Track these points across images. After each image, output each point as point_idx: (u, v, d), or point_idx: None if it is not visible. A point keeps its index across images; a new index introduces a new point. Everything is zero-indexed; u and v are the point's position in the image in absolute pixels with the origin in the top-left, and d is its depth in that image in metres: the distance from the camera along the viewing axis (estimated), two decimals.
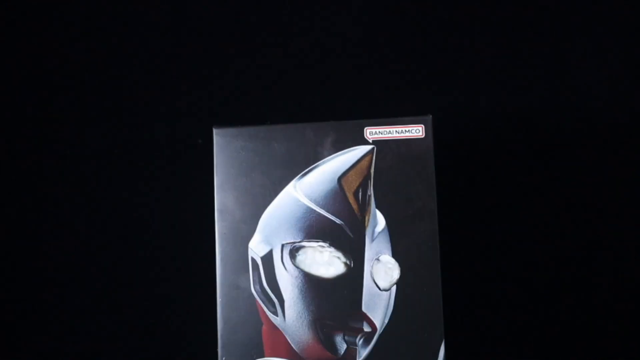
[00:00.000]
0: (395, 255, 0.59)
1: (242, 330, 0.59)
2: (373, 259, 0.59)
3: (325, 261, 0.58)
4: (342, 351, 0.58)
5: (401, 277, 0.58)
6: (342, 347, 0.58)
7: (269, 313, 0.58)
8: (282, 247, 0.59)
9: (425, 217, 0.59)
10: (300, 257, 0.58)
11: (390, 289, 0.58)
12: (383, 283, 0.58)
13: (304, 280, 0.58)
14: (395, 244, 0.59)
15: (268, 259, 0.59)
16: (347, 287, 0.58)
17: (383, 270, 0.58)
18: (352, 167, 0.59)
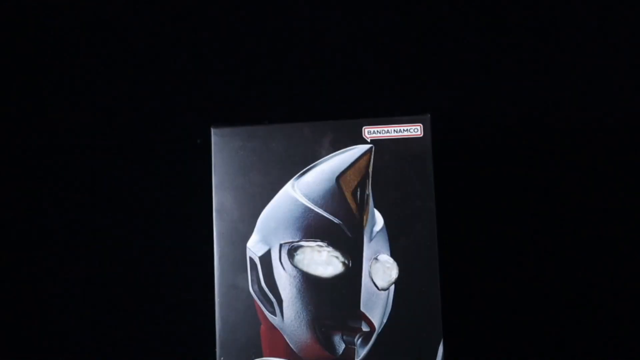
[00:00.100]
0: (393, 254, 0.59)
1: (241, 330, 0.58)
2: (371, 259, 0.58)
3: (323, 261, 0.58)
4: (341, 351, 0.58)
5: (400, 276, 0.58)
6: (341, 346, 0.58)
7: (267, 313, 0.58)
8: (281, 246, 0.59)
9: (424, 217, 0.59)
10: (299, 256, 0.58)
11: (388, 288, 0.58)
12: (381, 282, 0.58)
13: (302, 280, 0.58)
14: (394, 244, 0.59)
15: (266, 259, 0.59)
16: (346, 286, 0.58)
17: (381, 269, 0.58)
18: (351, 167, 0.59)
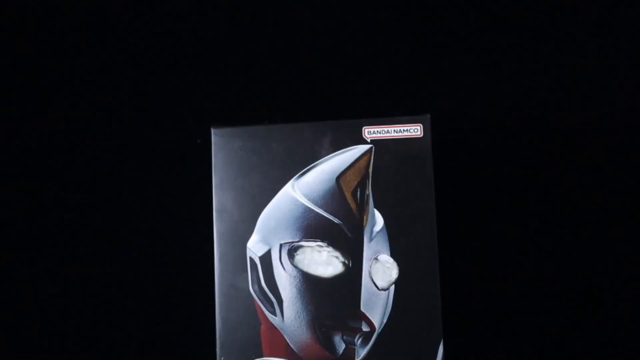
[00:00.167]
0: (393, 254, 0.59)
1: (241, 330, 0.58)
2: (371, 259, 0.58)
3: (323, 261, 0.58)
4: (341, 351, 0.58)
5: (400, 276, 0.58)
6: (341, 346, 0.58)
7: (267, 313, 0.58)
8: (281, 246, 0.59)
9: (424, 217, 0.59)
10: (299, 256, 0.58)
11: (388, 288, 0.58)
12: (381, 282, 0.58)
13: (303, 280, 0.58)
14: (394, 244, 0.59)
15: (266, 259, 0.59)
16: (346, 286, 0.58)
17: (381, 269, 0.58)
18: (351, 167, 0.59)
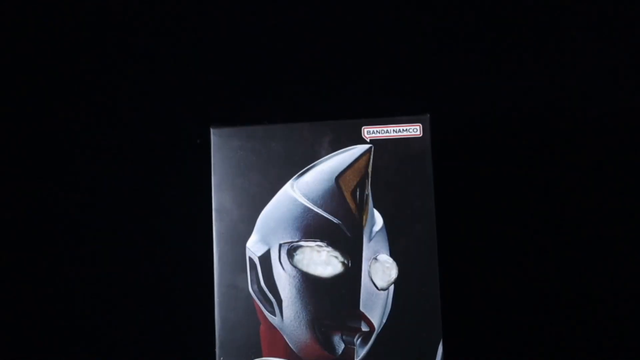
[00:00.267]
0: (393, 254, 0.58)
1: (240, 330, 0.58)
2: (371, 259, 0.58)
3: (323, 261, 0.58)
4: (340, 351, 0.58)
5: (399, 276, 0.58)
6: (340, 346, 0.58)
7: (266, 313, 0.58)
8: (280, 246, 0.59)
9: (423, 217, 0.59)
10: (298, 256, 0.58)
11: (388, 288, 0.58)
12: (381, 282, 0.58)
13: (302, 280, 0.58)
14: (393, 244, 0.59)
15: (266, 259, 0.59)
16: (345, 286, 0.58)
17: (381, 269, 0.58)
18: (350, 167, 0.59)
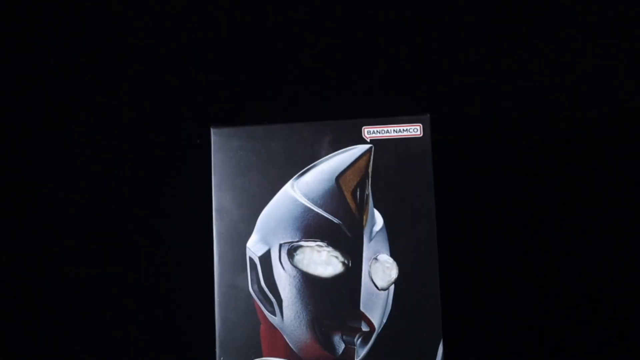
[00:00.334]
0: (393, 254, 0.58)
1: (240, 330, 0.58)
2: (371, 259, 0.58)
3: (323, 261, 0.58)
4: (340, 351, 0.58)
5: (399, 276, 0.58)
6: (340, 346, 0.58)
7: (266, 313, 0.58)
8: (280, 246, 0.59)
9: (424, 216, 0.59)
10: (298, 256, 0.58)
11: (388, 288, 0.58)
12: (381, 282, 0.58)
13: (302, 280, 0.58)
14: (394, 243, 0.59)
15: (266, 259, 0.59)
16: (345, 286, 0.58)
17: (381, 269, 0.58)
18: (350, 167, 0.59)
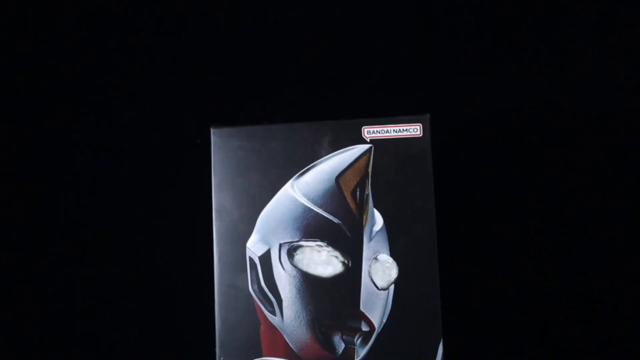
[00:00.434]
0: (393, 254, 0.58)
1: (240, 330, 0.58)
2: (371, 258, 0.58)
3: (323, 260, 0.58)
4: (340, 351, 0.58)
5: (399, 276, 0.58)
6: (340, 346, 0.58)
7: (266, 312, 0.58)
8: (280, 246, 0.59)
9: (423, 216, 0.59)
10: (298, 256, 0.58)
11: (388, 288, 0.58)
12: (381, 282, 0.58)
13: (302, 280, 0.58)
14: (393, 243, 0.59)
15: (266, 259, 0.59)
16: (345, 286, 0.58)
17: (381, 269, 0.58)
18: (350, 167, 0.59)
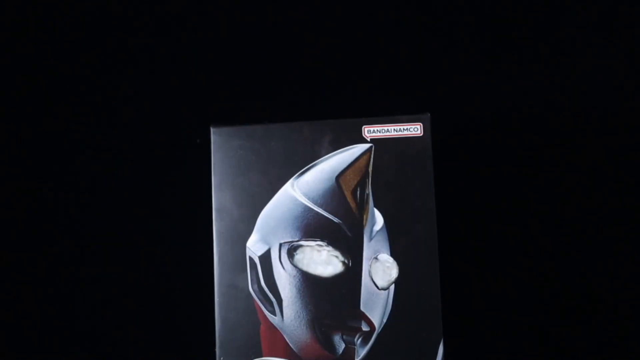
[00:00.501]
0: (393, 254, 0.58)
1: (240, 330, 0.58)
2: (371, 258, 0.58)
3: (323, 260, 0.58)
4: (341, 350, 0.58)
5: (399, 276, 0.58)
6: (341, 346, 0.58)
7: (267, 312, 0.58)
8: (280, 246, 0.58)
9: (424, 216, 0.58)
10: (298, 256, 0.58)
11: (388, 288, 0.58)
12: (381, 282, 0.58)
13: (302, 280, 0.58)
14: (394, 243, 0.58)
15: (266, 258, 0.58)
16: (346, 286, 0.58)
17: (381, 269, 0.58)
18: (350, 166, 0.59)
